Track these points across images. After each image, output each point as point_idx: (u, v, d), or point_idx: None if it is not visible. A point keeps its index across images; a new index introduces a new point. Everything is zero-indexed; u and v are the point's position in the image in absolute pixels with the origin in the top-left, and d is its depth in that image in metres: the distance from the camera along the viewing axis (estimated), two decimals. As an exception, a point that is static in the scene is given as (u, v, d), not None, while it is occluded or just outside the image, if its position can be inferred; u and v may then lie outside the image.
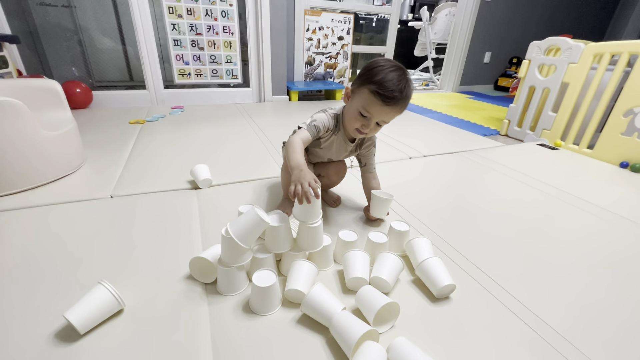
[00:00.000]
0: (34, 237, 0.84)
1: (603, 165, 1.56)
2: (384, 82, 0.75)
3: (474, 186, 1.27)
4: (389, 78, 0.75)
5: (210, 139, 1.63)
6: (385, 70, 0.76)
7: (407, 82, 0.77)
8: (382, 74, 0.75)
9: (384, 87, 0.75)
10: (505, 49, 3.70)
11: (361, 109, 0.79)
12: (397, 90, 0.75)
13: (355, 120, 0.82)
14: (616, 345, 0.62)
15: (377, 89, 0.75)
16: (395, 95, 0.75)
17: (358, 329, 0.54)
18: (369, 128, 0.81)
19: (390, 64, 0.77)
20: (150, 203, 1.02)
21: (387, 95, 0.75)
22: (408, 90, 0.77)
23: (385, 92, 0.74)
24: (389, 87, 0.74)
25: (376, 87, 0.75)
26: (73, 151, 1.20)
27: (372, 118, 0.79)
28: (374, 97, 0.76)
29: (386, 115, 0.79)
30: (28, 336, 0.57)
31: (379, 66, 0.77)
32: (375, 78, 0.76)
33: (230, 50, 2.36)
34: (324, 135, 0.89)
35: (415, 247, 0.78)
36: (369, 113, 0.78)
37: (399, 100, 0.76)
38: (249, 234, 0.65)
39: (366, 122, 0.80)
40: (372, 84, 0.76)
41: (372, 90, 0.76)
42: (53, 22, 2.26)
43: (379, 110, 0.77)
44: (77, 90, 2.02)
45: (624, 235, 0.98)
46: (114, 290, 0.60)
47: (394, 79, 0.75)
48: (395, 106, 0.77)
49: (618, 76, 1.55)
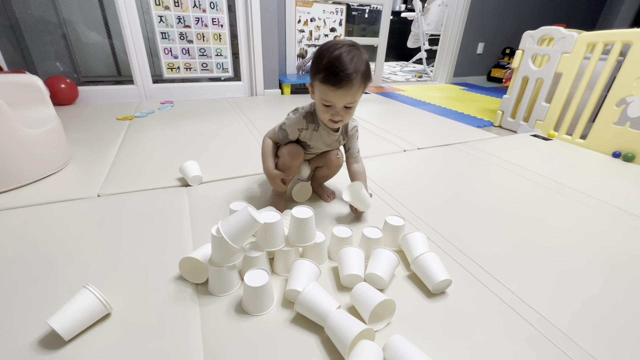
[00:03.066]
0: (17, 239, 0.81)
1: (596, 155, 1.57)
2: (328, 67, 0.73)
3: (469, 178, 1.26)
4: (333, 61, 0.72)
5: (200, 134, 1.60)
6: (328, 54, 0.74)
7: (354, 57, 0.74)
8: (325, 60, 0.74)
9: (329, 72, 0.73)
10: (499, 40, 3.68)
11: (322, 100, 0.78)
12: (343, 71, 0.72)
13: (323, 112, 0.81)
14: (614, 338, 0.61)
15: (324, 77, 0.74)
16: (342, 76, 0.72)
17: (353, 328, 0.53)
18: (339, 115, 0.80)
19: (333, 45, 0.75)
20: (139, 202, 0.99)
21: (336, 80, 0.72)
22: (357, 64, 0.74)
23: (332, 77, 0.73)
24: (334, 71, 0.72)
25: (323, 75, 0.74)
26: (57, 149, 1.16)
27: (335, 105, 0.78)
28: (325, 85, 0.75)
29: (345, 98, 0.76)
30: (10, 343, 0.55)
31: (322, 52, 0.75)
32: (320, 66, 0.74)
33: (220, 43, 2.30)
34: (302, 135, 0.90)
35: (410, 242, 0.77)
36: (329, 102, 0.77)
37: (349, 80, 0.73)
38: (240, 234, 0.63)
39: (333, 111, 0.79)
40: (319, 72, 0.74)
41: (321, 79, 0.74)
42: (35, 15, 2.17)
43: (336, 96, 0.76)
44: (62, 86, 1.96)
45: (617, 225, 0.98)
46: (99, 294, 0.57)
47: (337, 60, 0.72)
48: (349, 86, 0.74)
49: (611, 65, 1.55)
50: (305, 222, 0.70)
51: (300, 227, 0.71)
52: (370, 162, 1.35)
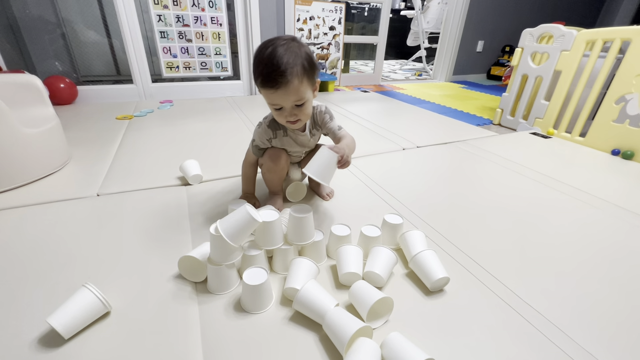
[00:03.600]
0: (16, 238, 0.81)
1: (595, 153, 1.57)
2: (261, 71, 0.70)
3: (468, 177, 1.26)
4: (265, 62, 0.69)
5: (200, 133, 1.60)
6: (260, 55, 0.71)
7: (285, 52, 0.70)
8: (256, 62, 0.72)
9: (262, 75, 0.70)
10: (498, 38, 3.68)
11: (270, 104, 0.76)
12: (274, 71, 0.69)
13: (277, 116, 0.79)
14: (612, 336, 0.61)
15: (262, 81, 0.71)
16: (274, 77, 0.69)
17: (351, 325, 0.53)
18: (292, 115, 0.77)
19: (265, 45, 0.72)
20: (138, 201, 0.99)
21: (271, 81, 0.70)
22: (290, 59, 0.69)
23: (267, 79, 0.70)
24: (267, 73, 0.69)
25: (259, 79, 0.71)
26: (56, 149, 1.16)
27: (284, 107, 0.75)
28: (265, 89, 0.72)
29: (289, 97, 0.72)
30: (10, 341, 0.55)
31: (256, 54, 0.73)
32: (255, 71, 0.72)
33: (219, 42, 2.30)
34: (274, 144, 0.89)
35: (408, 240, 0.77)
36: (275, 104, 0.75)
37: (284, 78, 0.69)
38: (239, 233, 0.63)
39: (285, 112, 0.76)
40: (257, 77, 0.72)
41: (260, 84, 0.72)
42: (34, 15, 2.17)
43: (279, 98, 0.73)
44: (61, 85, 1.96)
45: (616, 222, 0.99)
46: (99, 293, 0.58)
47: (268, 61, 0.69)
48: (287, 84, 0.70)
49: (610, 63, 1.54)
50: (304, 220, 0.70)
51: (298, 225, 0.71)
52: (370, 161, 1.35)
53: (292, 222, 0.71)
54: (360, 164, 1.31)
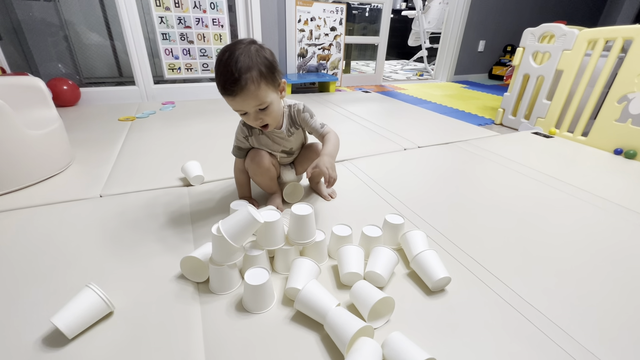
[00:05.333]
0: (21, 239, 0.82)
1: (597, 153, 1.56)
2: (219, 79, 0.71)
3: (469, 177, 1.26)
4: (221, 71, 0.70)
5: (202, 134, 1.61)
6: (218, 63, 0.71)
7: (239, 58, 0.69)
8: (215, 70, 0.72)
9: (219, 84, 0.71)
10: (500, 37, 3.67)
11: (236, 111, 0.77)
12: (229, 79, 0.69)
13: (246, 120, 0.80)
14: (614, 336, 0.61)
15: (220, 90, 0.72)
16: (230, 85, 0.69)
17: (352, 325, 0.54)
18: (258, 119, 0.77)
19: (222, 51, 0.72)
20: (141, 202, 1.00)
21: (226, 90, 0.71)
22: (243, 65, 0.69)
23: (223, 88, 0.71)
24: (222, 81, 0.70)
25: (219, 87, 0.72)
26: (59, 150, 1.17)
27: (247, 112, 0.75)
28: (224, 96, 0.73)
29: (248, 102, 0.73)
30: (15, 341, 0.55)
31: (216, 62, 0.73)
32: (216, 78, 0.73)
33: (221, 43, 2.31)
34: (251, 142, 0.90)
35: (410, 240, 0.77)
36: (238, 110, 0.76)
37: (239, 85, 0.69)
38: (240, 233, 0.64)
39: (250, 116, 0.77)
40: (218, 85, 0.73)
41: (220, 92, 0.73)
42: (37, 18, 2.19)
43: (239, 104, 0.73)
44: (64, 87, 1.97)
45: (618, 222, 0.98)
46: (102, 293, 0.58)
47: (223, 68, 0.70)
48: (244, 91, 0.70)
49: (612, 62, 1.54)
50: (305, 219, 0.71)
51: (300, 224, 0.71)
52: (371, 161, 1.35)
53: (293, 221, 0.72)
54: (362, 164, 1.32)
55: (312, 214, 0.72)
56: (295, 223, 0.71)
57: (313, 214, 0.72)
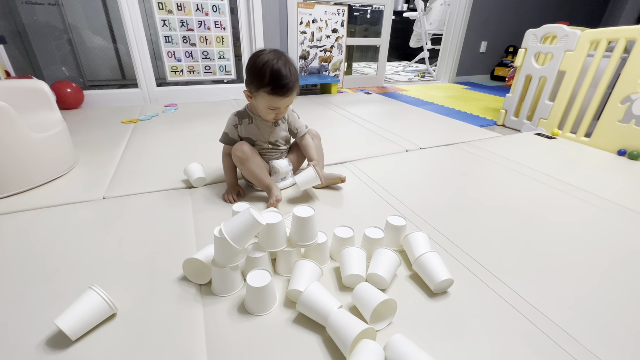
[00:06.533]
0: (24, 241, 0.82)
1: (601, 154, 1.55)
2: (274, 80, 0.86)
3: (472, 178, 1.26)
4: (276, 74, 0.86)
5: (204, 136, 1.61)
6: (270, 66, 0.86)
7: (289, 67, 0.88)
8: (269, 73, 0.86)
9: (276, 85, 0.87)
10: (502, 38, 3.66)
11: (269, 106, 0.92)
12: (288, 80, 0.87)
13: (268, 114, 0.95)
14: (621, 340, 0.61)
15: (272, 90, 0.87)
16: (288, 85, 0.87)
17: (354, 327, 0.54)
18: (282, 114, 0.96)
19: (272, 57, 0.87)
20: (144, 204, 1.00)
21: (283, 91, 0.88)
22: (294, 73, 0.89)
23: (280, 89, 0.87)
24: (280, 85, 0.87)
25: (271, 88, 0.87)
26: (63, 153, 1.18)
27: (280, 108, 0.93)
28: (273, 96, 0.88)
29: (289, 101, 0.93)
30: (18, 343, 0.56)
31: (264, 65, 0.86)
32: (265, 80, 0.86)
33: (223, 45, 2.32)
34: (240, 131, 1.01)
35: (412, 241, 0.77)
36: (276, 106, 0.92)
37: (292, 89, 0.89)
38: (243, 235, 0.64)
39: (277, 111, 0.94)
40: (266, 86, 0.87)
41: (269, 91, 0.88)
42: (41, 21, 2.21)
43: (283, 102, 0.91)
44: (68, 90, 1.99)
45: (622, 223, 0.98)
46: (105, 295, 0.58)
47: (280, 71, 0.86)
48: (292, 93, 0.90)
49: (615, 63, 1.53)
50: (307, 221, 0.71)
51: (302, 226, 0.71)
52: (373, 163, 1.35)
53: (295, 223, 0.72)
54: (364, 165, 1.32)
55: (314, 215, 0.72)
56: (297, 225, 0.71)
57: (315, 216, 0.72)
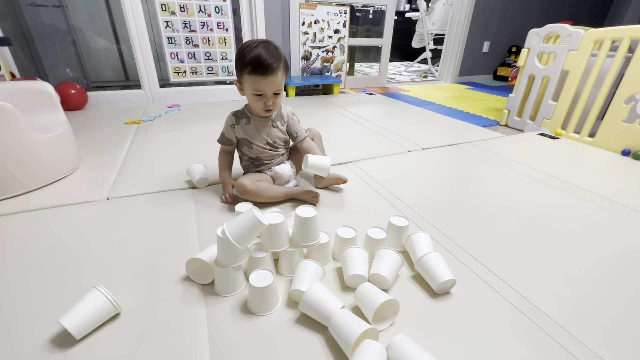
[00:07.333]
0: (28, 242, 0.83)
1: (604, 154, 1.54)
2: (255, 60, 0.85)
3: (474, 178, 1.26)
4: (257, 54, 0.85)
5: (207, 137, 1.62)
6: (251, 49, 0.86)
7: (275, 48, 0.88)
8: (250, 54, 0.85)
9: (257, 63, 0.85)
10: (504, 38, 3.65)
11: (253, 91, 0.90)
12: (269, 60, 0.85)
13: (256, 102, 0.93)
14: (624, 340, 0.60)
15: (252, 69, 0.86)
16: (269, 64, 0.85)
17: (357, 327, 0.54)
18: (270, 101, 0.92)
19: (254, 42, 0.87)
20: (147, 204, 1.01)
21: (263, 69, 0.85)
22: (277, 55, 0.87)
23: (259, 67, 0.85)
24: (261, 62, 0.85)
25: (251, 67, 0.86)
26: (67, 153, 1.19)
27: (265, 93, 0.90)
28: (255, 76, 0.87)
29: (273, 85, 0.89)
30: (23, 342, 0.56)
31: (245, 49, 0.87)
32: (246, 61, 0.86)
33: (226, 46, 2.33)
34: (237, 131, 1.00)
35: (414, 242, 0.77)
36: (260, 90, 0.89)
37: (274, 68, 0.86)
38: (245, 236, 0.64)
39: (265, 99, 0.91)
40: (247, 66, 0.86)
41: (250, 72, 0.86)
42: (45, 23, 2.23)
43: (266, 84, 0.88)
44: (72, 91, 2.00)
45: (626, 224, 0.97)
46: (109, 295, 0.59)
47: (261, 52, 0.85)
48: (276, 72, 0.87)
49: (619, 62, 1.52)
50: (309, 221, 0.71)
51: (304, 226, 0.71)
52: (375, 163, 1.35)
53: (297, 223, 0.72)
54: (366, 166, 1.32)
55: (317, 216, 0.72)
56: (300, 225, 0.72)
57: (317, 216, 0.72)
